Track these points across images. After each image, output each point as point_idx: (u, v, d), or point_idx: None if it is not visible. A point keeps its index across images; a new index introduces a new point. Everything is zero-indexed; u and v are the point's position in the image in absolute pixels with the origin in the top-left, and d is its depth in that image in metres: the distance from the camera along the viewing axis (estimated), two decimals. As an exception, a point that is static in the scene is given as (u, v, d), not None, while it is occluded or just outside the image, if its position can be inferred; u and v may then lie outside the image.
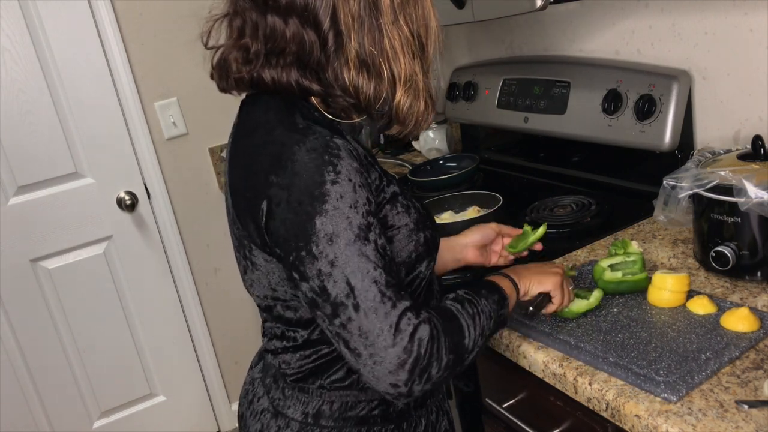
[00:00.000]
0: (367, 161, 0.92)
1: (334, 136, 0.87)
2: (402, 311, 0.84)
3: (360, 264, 0.83)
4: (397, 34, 0.89)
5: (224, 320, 2.69)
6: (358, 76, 0.89)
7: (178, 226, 2.52)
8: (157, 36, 2.35)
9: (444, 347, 0.87)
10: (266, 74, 0.91)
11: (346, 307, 0.84)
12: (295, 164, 0.85)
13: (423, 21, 0.92)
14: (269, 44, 0.90)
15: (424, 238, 0.97)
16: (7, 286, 2.28)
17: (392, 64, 0.89)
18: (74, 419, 2.48)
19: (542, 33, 1.93)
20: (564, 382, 1.05)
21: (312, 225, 0.83)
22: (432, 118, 0.97)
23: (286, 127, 0.89)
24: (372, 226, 0.85)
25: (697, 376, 0.95)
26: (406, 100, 0.91)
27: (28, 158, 2.23)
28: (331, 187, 0.83)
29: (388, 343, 0.83)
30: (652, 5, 1.58)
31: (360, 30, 0.87)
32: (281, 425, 1.03)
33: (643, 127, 1.56)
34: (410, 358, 0.83)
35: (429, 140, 2.30)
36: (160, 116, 2.41)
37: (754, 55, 1.40)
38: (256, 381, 1.12)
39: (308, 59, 0.89)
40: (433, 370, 0.86)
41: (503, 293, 1.01)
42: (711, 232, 1.18)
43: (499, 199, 1.59)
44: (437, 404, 1.12)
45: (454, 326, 0.90)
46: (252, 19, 0.91)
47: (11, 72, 2.15)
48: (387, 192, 0.94)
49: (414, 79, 0.91)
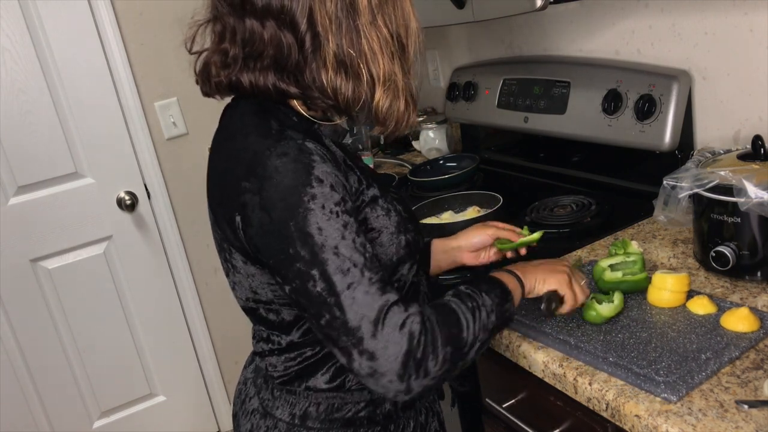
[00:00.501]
0: (345, 165, 0.94)
1: (307, 140, 0.88)
2: (388, 305, 0.84)
3: (338, 262, 0.83)
4: (375, 35, 0.89)
5: (224, 320, 2.69)
6: (336, 77, 0.89)
7: (178, 226, 2.52)
8: (157, 36, 2.35)
9: (439, 339, 0.86)
10: (244, 78, 0.92)
11: (329, 305, 0.84)
12: (267, 170, 0.85)
13: (403, 21, 0.93)
14: (247, 48, 0.90)
15: (405, 240, 0.97)
16: (7, 286, 2.28)
17: (371, 64, 0.90)
18: (74, 419, 2.48)
19: (542, 33, 1.93)
20: (564, 382, 1.05)
21: (287, 228, 0.84)
22: (414, 118, 0.97)
23: (260, 133, 0.90)
24: (348, 225, 0.85)
25: (697, 376, 0.95)
26: (386, 101, 0.91)
27: (28, 158, 2.23)
28: (303, 189, 0.84)
29: (376, 337, 0.82)
30: (652, 5, 1.58)
31: (337, 31, 0.88)
32: (269, 425, 1.04)
33: (643, 127, 1.56)
34: (401, 351, 0.83)
35: (429, 140, 2.30)
36: (160, 116, 2.42)
37: (754, 55, 1.40)
38: (249, 381, 1.13)
39: (286, 62, 0.89)
40: (429, 363, 0.85)
41: (506, 288, 0.99)
42: (711, 232, 1.18)
43: (499, 199, 1.59)
44: (427, 405, 1.12)
45: (451, 319, 0.89)
46: (230, 24, 0.92)
47: (11, 72, 2.15)
48: (366, 195, 0.94)
49: (393, 79, 0.91)
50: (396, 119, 0.94)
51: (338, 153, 0.95)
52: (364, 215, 0.94)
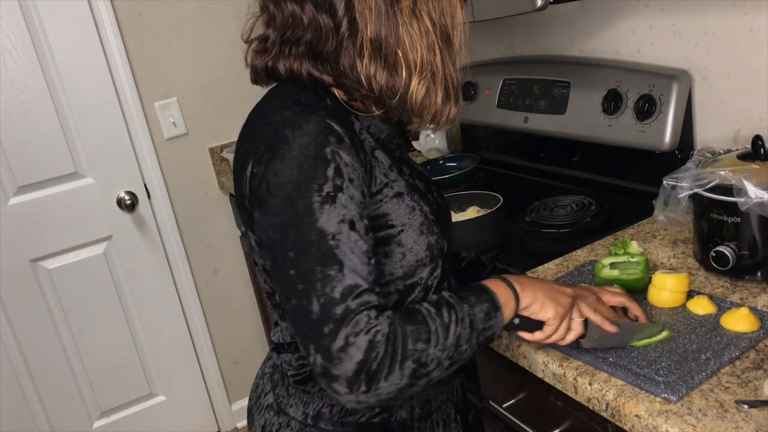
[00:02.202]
0: (372, 155, 0.91)
1: (330, 119, 0.86)
2: (359, 308, 0.81)
3: (323, 250, 0.82)
4: (415, 23, 0.87)
5: (224, 320, 2.69)
6: (371, 64, 0.87)
7: (178, 226, 2.52)
8: (157, 36, 2.35)
9: (399, 354, 0.81)
10: (280, 65, 0.92)
11: (299, 292, 0.82)
12: (279, 141, 0.85)
13: (450, 11, 0.91)
14: (285, 33, 0.90)
15: (427, 243, 0.94)
16: (7, 286, 2.28)
17: (408, 53, 0.87)
18: (74, 419, 2.48)
19: (542, 33, 1.93)
20: (564, 382, 1.05)
21: (282, 201, 0.83)
22: (455, 113, 0.93)
23: (285, 106, 0.90)
24: (347, 215, 0.83)
25: (697, 376, 0.95)
26: (421, 91, 0.89)
27: (28, 158, 2.23)
28: (312, 167, 0.83)
29: (336, 338, 0.80)
30: (652, 5, 1.58)
31: (375, 17, 0.86)
32: (282, 423, 1.03)
33: (643, 127, 1.56)
34: (357, 359, 0.79)
35: (429, 140, 2.30)
36: (160, 116, 2.42)
37: (754, 55, 1.40)
38: (266, 376, 1.12)
39: (323, 48, 0.88)
40: (382, 379, 0.80)
41: (496, 303, 0.91)
42: (711, 232, 1.18)
43: (499, 199, 1.59)
44: (444, 417, 1.07)
45: (420, 332, 0.84)
46: (270, 10, 0.92)
47: (11, 72, 2.15)
48: (392, 189, 0.92)
49: (431, 69, 0.89)
50: (433, 112, 0.91)
51: (369, 141, 0.92)
52: (382, 209, 0.91)
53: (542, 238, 1.57)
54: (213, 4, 2.39)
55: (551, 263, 1.38)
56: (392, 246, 0.92)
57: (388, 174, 0.93)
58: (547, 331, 0.97)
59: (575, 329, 0.99)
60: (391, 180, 0.92)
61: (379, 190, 0.91)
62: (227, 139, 2.52)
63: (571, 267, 1.35)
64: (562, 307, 0.97)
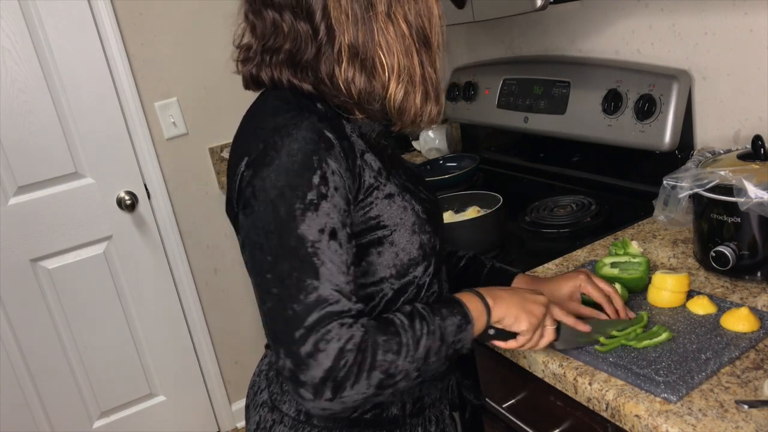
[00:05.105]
0: (362, 158, 0.92)
1: (321, 123, 0.87)
2: (333, 314, 0.82)
3: (301, 255, 0.83)
4: (391, 28, 0.89)
5: (224, 320, 2.69)
6: (349, 69, 0.89)
7: (178, 226, 2.52)
8: (157, 36, 2.35)
9: (367, 364, 0.82)
10: (263, 73, 0.94)
11: (274, 296, 0.83)
12: (268, 146, 0.86)
13: (426, 13, 0.91)
14: (266, 41, 0.91)
15: (420, 242, 0.96)
16: (7, 286, 2.28)
17: (384, 57, 0.89)
18: (74, 419, 2.48)
19: (542, 33, 1.93)
20: (564, 382, 1.05)
21: (267, 206, 0.84)
22: (436, 113, 0.95)
23: (275, 113, 0.91)
24: (329, 223, 0.84)
25: (697, 376, 0.95)
26: (399, 94, 0.90)
27: (28, 158, 2.23)
28: (299, 174, 0.84)
29: (306, 342, 0.80)
30: (652, 5, 1.58)
31: (352, 22, 0.87)
32: (276, 419, 1.04)
33: (643, 127, 1.56)
34: (325, 366, 0.80)
35: (429, 140, 2.31)
36: (160, 116, 2.41)
37: (754, 55, 1.40)
38: (262, 373, 1.12)
39: (301, 56, 0.90)
40: (347, 387, 0.81)
41: (468, 317, 0.92)
42: (711, 232, 1.18)
43: (499, 199, 1.59)
44: (437, 414, 1.08)
45: (391, 343, 0.85)
46: (250, 19, 0.94)
47: (11, 72, 2.15)
48: (382, 190, 0.93)
49: (409, 72, 0.90)
50: (413, 114, 0.93)
51: (359, 144, 0.93)
52: (374, 210, 0.92)
53: (542, 238, 1.57)
54: (213, 4, 2.39)
55: (551, 263, 1.38)
56: (385, 246, 0.93)
57: (379, 176, 0.94)
58: (521, 341, 0.99)
59: (547, 336, 1.01)
60: (381, 182, 0.94)
61: (370, 193, 0.92)
62: (227, 139, 2.51)
63: (571, 267, 1.35)
64: (536, 317, 0.98)
